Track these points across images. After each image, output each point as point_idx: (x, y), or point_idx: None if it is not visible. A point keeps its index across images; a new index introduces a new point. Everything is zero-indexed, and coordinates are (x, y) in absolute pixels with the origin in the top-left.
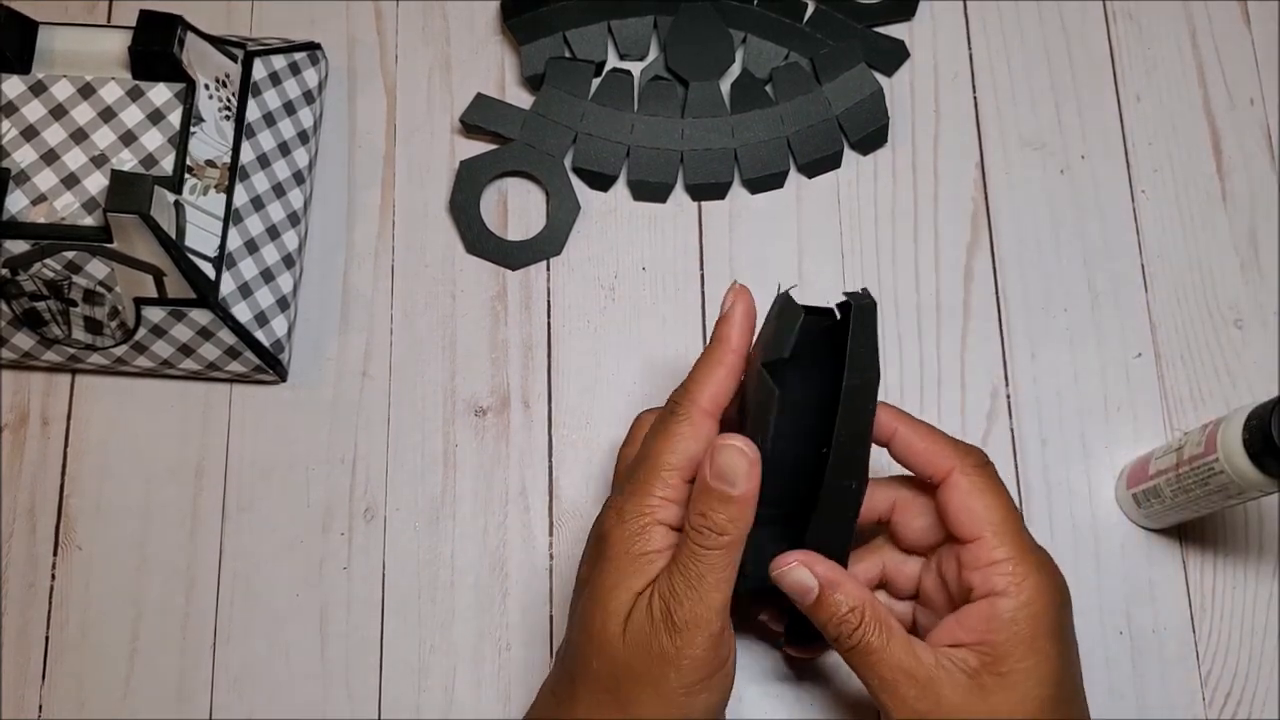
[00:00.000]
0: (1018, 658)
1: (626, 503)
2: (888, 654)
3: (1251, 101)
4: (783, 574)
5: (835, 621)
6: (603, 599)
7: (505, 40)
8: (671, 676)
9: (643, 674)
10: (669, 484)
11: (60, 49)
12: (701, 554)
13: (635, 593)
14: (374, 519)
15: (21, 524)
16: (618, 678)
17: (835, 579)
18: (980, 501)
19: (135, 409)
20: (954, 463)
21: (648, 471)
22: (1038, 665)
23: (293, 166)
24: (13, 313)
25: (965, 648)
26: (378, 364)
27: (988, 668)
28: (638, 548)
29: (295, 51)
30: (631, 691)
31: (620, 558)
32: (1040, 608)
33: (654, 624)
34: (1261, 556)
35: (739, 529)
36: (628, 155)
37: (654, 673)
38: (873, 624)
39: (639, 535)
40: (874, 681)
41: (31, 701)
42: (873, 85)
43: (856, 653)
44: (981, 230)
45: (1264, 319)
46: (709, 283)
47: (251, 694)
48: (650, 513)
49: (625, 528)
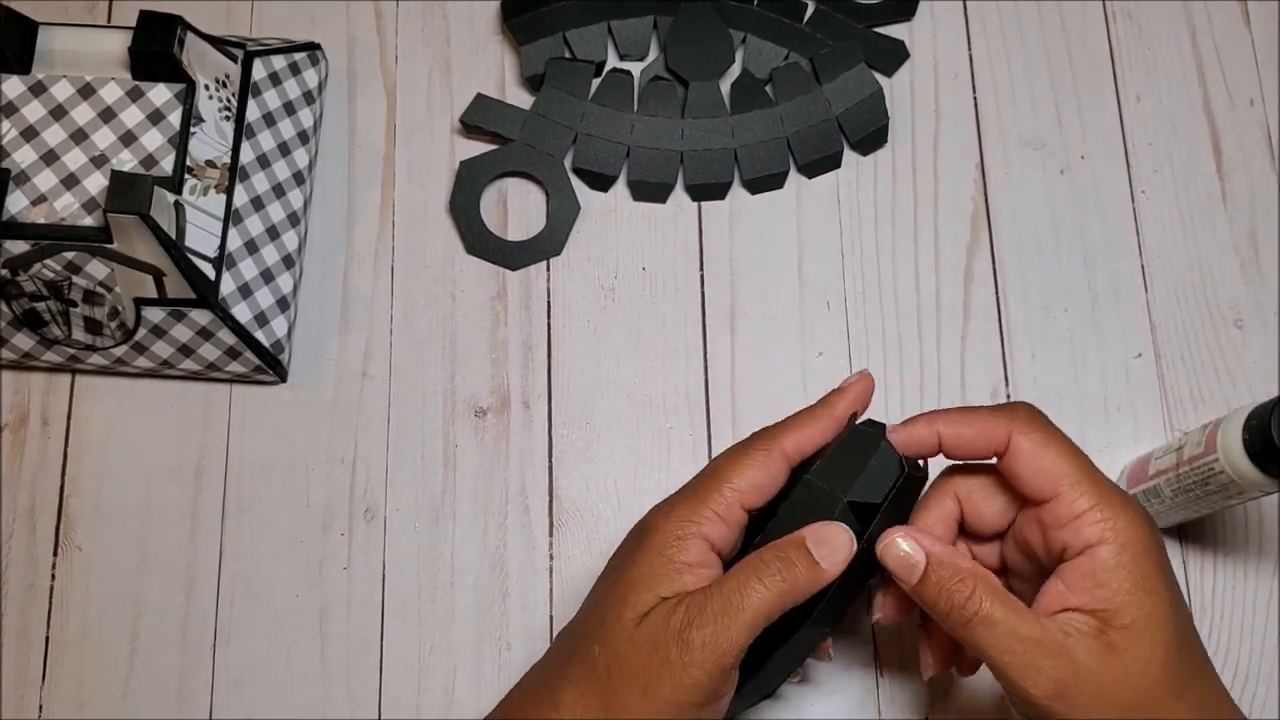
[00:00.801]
0: (1135, 605)
1: (678, 505)
2: (1012, 625)
3: (1251, 101)
4: (887, 547)
5: (946, 594)
6: (624, 591)
7: (505, 40)
8: (667, 688)
9: (639, 676)
10: (726, 500)
11: (60, 49)
12: (754, 588)
13: (659, 596)
14: (374, 519)
15: (21, 524)
16: (613, 671)
17: (941, 551)
18: (1047, 457)
19: (135, 409)
20: (1007, 428)
21: (710, 484)
22: (1156, 608)
23: (293, 167)
24: (13, 313)
25: (1077, 611)
26: (378, 364)
27: (1109, 624)
28: (672, 552)
29: (295, 52)
30: (621, 689)
31: (654, 555)
32: (1140, 547)
33: (669, 633)
34: (1261, 556)
35: (801, 591)
36: (628, 155)
37: (651, 678)
38: (987, 594)
39: (678, 540)
40: (1003, 658)
41: (31, 701)
42: (873, 85)
43: (976, 626)
44: (981, 230)
45: (1264, 319)
46: (709, 283)
47: (251, 694)
48: (697, 522)
49: (668, 528)
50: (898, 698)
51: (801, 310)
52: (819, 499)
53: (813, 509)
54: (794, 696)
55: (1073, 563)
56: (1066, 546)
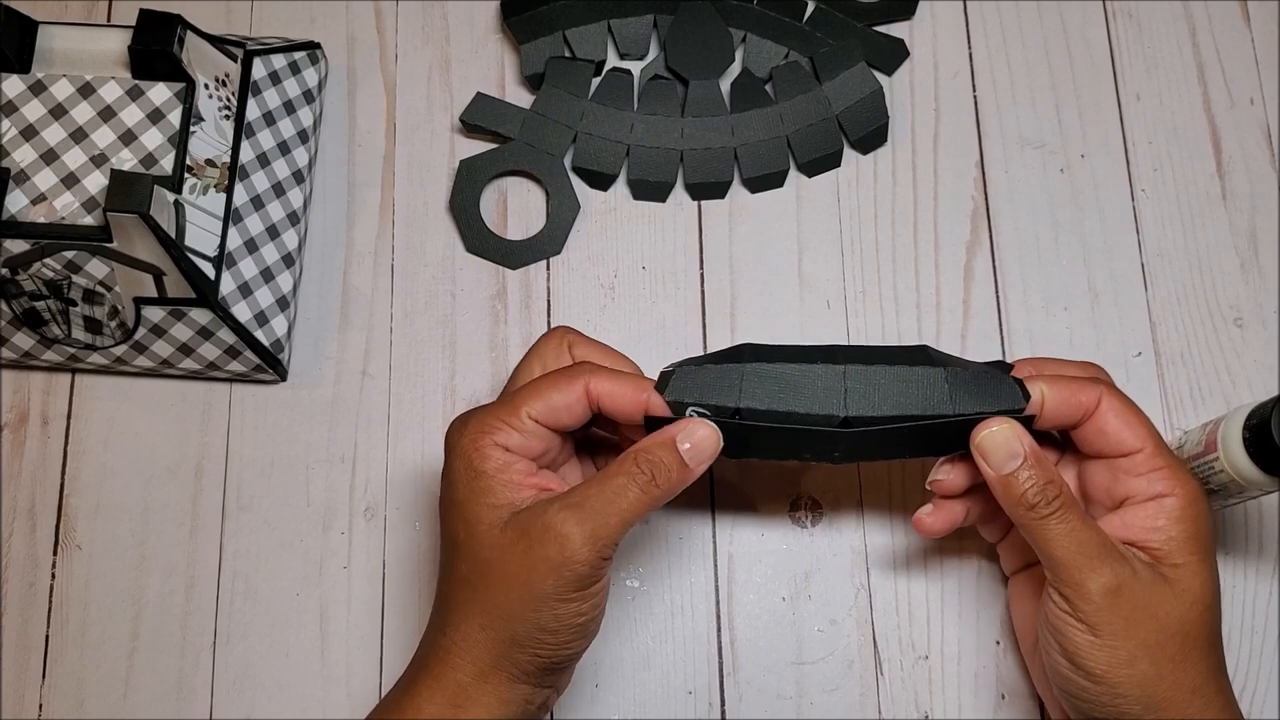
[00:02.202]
0: (1188, 552)
1: (474, 414)
2: (1084, 527)
3: (1251, 101)
4: (992, 433)
5: (1036, 488)
6: (465, 516)
7: (505, 39)
8: (549, 583)
9: (517, 577)
10: (520, 417)
11: (60, 48)
12: (628, 489)
13: (493, 507)
14: (374, 518)
15: (21, 524)
16: (485, 575)
17: (1039, 450)
18: (1136, 416)
19: (135, 409)
20: (1097, 391)
21: (513, 397)
22: (1203, 562)
23: (292, 166)
24: (13, 312)
25: (1133, 545)
26: (378, 363)
27: (1161, 560)
28: (478, 464)
29: (295, 51)
30: (499, 584)
31: (465, 473)
32: (1199, 510)
33: (548, 533)
34: (1261, 556)
35: (671, 489)
36: (627, 154)
37: (530, 577)
38: (1069, 498)
39: (476, 451)
40: (1071, 553)
41: (31, 701)
42: (873, 84)
43: (1052, 522)
44: (981, 229)
45: (1264, 318)
46: (709, 281)
47: (251, 694)
48: (490, 432)
49: (465, 439)
50: (898, 698)
51: (801, 309)
52: (936, 385)
53: (927, 387)
54: (794, 696)
55: (1139, 505)
56: (1135, 494)
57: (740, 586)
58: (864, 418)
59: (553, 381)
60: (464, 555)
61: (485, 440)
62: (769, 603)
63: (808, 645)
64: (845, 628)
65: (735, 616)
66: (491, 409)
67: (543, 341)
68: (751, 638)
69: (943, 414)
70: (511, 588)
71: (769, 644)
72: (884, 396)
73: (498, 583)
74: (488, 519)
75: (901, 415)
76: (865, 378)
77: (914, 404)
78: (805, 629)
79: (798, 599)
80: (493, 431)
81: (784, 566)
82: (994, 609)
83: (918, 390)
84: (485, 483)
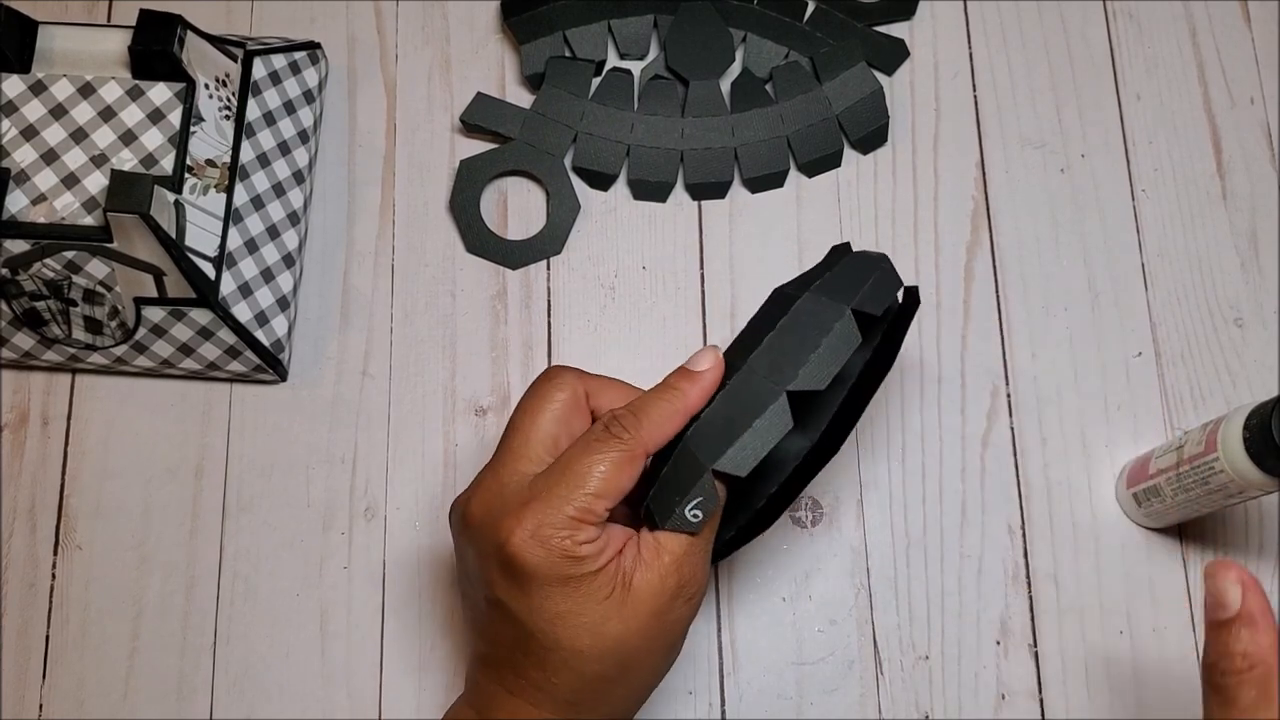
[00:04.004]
0: None
1: (544, 524)
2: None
3: (1251, 100)
4: (1215, 576)
5: (1225, 656)
6: (586, 622)
7: (505, 39)
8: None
9: (660, 640)
10: (594, 511)
11: (60, 48)
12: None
13: (618, 601)
14: (374, 518)
15: (21, 524)
16: (629, 665)
17: (1257, 615)
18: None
19: (135, 409)
20: None
21: (573, 489)
22: None
23: (293, 166)
24: (13, 312)
25: None
26: (378, 364)
27: None
28: (572, 569)
29: (295, 51)
30: (645, 663)
31: (553, 581)
32: None
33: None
34: (1261, 556)
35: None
36: (628, 154)
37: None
38: (1254, 684)
39: (573, 562)
40: None
41: (32, 701)
42: (873, 84)
43: (1220, 693)
44: (981, 229)
45: (1264, 318)
46: (709, 282)
47: (251, 694)
48: (570, 532)
49: (548, 550)
50: (898, 698)
51: None
52: (825, 311)
53: (816, 320)
54: (794, 696)
55: None
56: None
57: (740, 586)
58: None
59: (620, 468)
60: (594, 658)
61: (569, 545)
62: (769, 603)
63: (808, 645)
64: (845, 628)
65: (735, 616)
66: (554, 506)
67: (552, 390)
68: (751, 638)
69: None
70: (659, 652)
71: (769, 644)
72: (810, 364)
73: (644, 661)
74: (617, 615)
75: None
76: (779, 356)
77: (834, 352)
78: (805, 629)
79: (798, 599)
80: (574, 529)
81: (784, 566)
82: (994, 609)
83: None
84: (591, 586)
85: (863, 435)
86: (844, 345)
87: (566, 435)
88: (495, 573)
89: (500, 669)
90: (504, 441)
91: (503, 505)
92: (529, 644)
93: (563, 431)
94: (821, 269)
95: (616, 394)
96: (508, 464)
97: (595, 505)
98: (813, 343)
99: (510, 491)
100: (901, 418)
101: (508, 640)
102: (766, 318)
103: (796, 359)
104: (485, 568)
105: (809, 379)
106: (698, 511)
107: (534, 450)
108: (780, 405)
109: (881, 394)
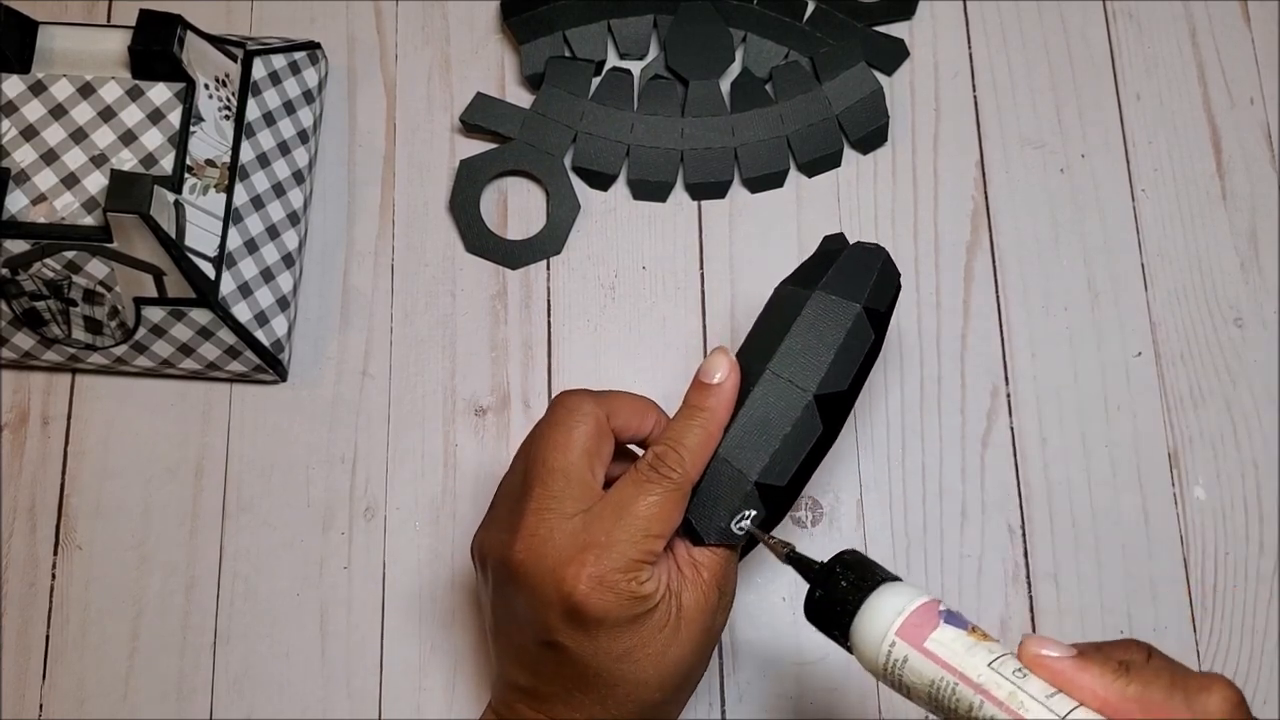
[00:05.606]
0: None
1: (610, 570)
2: None
3: (1251, 100)
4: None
5: None
6: (647, 657)
7: (505, 39)
8: None
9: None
10: (654, 552)
11: (60, 48)
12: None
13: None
14: (374, 518)
15: (21, 524)
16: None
17: None
18: None
19: (135, 409)
20: None
21: (633, 532)
22: None
23: (293, 166)
24: (13, 312)
25: None
26: (378, 364)
27: None
28: (638, 609)
29: (295, 51)
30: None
31: (621, 623)
32: None
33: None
34: (1261, 556)
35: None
36: (628, 154)
37: None
38: None
39: (632, 599)
40: None
41: (32, 701)
42: (873, 84)
43: None
44: (981, 229)
45: (1264, 318)
46: (709, 281)
47: (251, 694)
48: (634, 574)
49: (616, 595)
50: (898, 698)
51: None
52: (836, 310)
53: (830, 321)
54: (794, 696)
55: None
56: None
57: (740, 586)
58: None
59: (674, 505)
60: (656, 686)
61: (636, 588)
62: (769, 603)
63: (808, 645)
64: None
65: (735, 616)
66: (617, 551)
67: (575, 421)
68: (751, 638)
69: None
70: (705, 662)
71: (769, 644)
72: (813, 356)
73: (696, 675)
74: (675, 640)
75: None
76: (790, 359)
77: (828, 337)
78: (805, 629)
79: (798, 599)
80: (637, 571)
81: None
82: (994, 609)
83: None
84: (652, 620)
85: (863, 435)
86: (859, 344)
87: (600, 464)
88: (556, 619)
89: (550, 703)
90: (537, 481)
91: (557, 552)
92: (591, 682)
93: (596, 462)
94: (818, 260)
95: (632, 409)
96: (552, 507)
97: (655, 546)
98: (830, 344)
99: (562, 537)
100: (901, 418)
101: (565, 678)
102: (773, 317)
103: (817, 362)
104: (543, 614)
105: (831, 381)
106: (744, 524)
107: (575, 490)
108: (810, 411)
109: (882, 394)
